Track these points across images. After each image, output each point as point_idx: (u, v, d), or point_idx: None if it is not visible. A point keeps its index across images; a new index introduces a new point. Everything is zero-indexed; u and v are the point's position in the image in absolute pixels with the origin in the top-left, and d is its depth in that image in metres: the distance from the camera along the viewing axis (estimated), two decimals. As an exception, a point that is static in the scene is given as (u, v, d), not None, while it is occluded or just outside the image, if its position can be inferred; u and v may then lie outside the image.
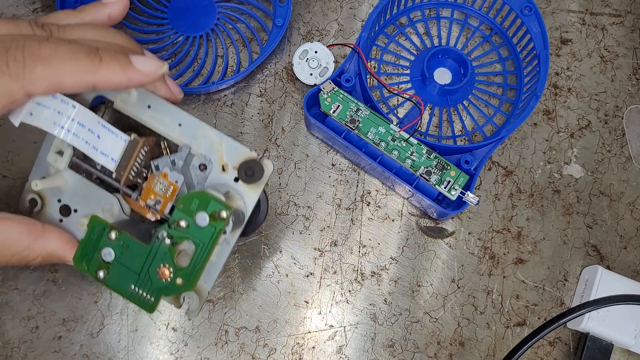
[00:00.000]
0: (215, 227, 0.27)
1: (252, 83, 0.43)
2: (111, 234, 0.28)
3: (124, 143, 0.27)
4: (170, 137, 0.29)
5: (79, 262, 0.28)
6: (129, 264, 0.28)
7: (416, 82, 0.43)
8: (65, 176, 0.29)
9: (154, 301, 0.28)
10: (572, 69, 0.44)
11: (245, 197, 0.29)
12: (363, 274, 0.40)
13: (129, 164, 0.28)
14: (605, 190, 0.42)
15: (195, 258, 0.28)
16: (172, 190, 0.28)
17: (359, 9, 0.45)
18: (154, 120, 0.29)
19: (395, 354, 0.38)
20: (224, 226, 0.27)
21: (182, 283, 0.28)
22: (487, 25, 0.45)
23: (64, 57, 0.23)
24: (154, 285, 0.28)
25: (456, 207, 0.38)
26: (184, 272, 0.28)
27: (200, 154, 0.29)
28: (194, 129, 0.29)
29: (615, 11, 0.46)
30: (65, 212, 0.30)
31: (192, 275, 0.28)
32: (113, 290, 0.29)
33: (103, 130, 0.27)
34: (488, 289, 0.40)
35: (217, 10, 0.44)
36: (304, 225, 0.40)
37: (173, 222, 0.27)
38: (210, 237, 0.28)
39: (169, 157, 0.29)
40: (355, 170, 0.41)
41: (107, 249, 0.28)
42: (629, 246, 0.41)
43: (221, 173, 0.29)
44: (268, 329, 0.38)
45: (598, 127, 0.43)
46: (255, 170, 0.28)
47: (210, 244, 0.28)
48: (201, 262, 0.28)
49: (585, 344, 0.38)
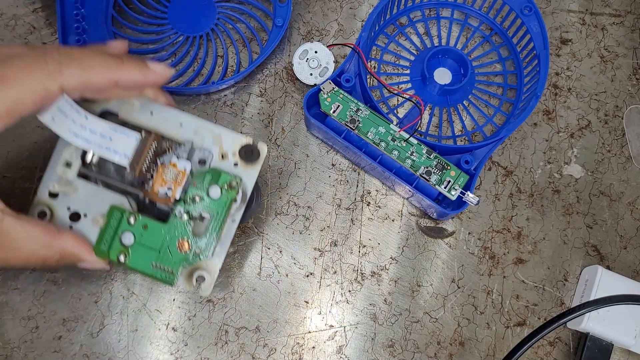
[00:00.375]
0: (227, 196, 0.31)
1: (252, 83, 0.43)
2: (130, 219, 0.31)
3: (135, 141, 0.30)
4: (174, 137, 0.32)
5: (99, 249, 0.31)
6: (149, 243, 0.31)
7: (416, 82, 0.43)
8: (75, 184, 0.32)
9: (175, 273, 0.31)
10: (572, 69, 0.44)
11: (246, 177, 0.32)
12: (363, 274, 0.40)
13: (142, 157, 0.31)
14: (605, 190, 0.42)
15: (211, 227, 0.31)
16: (181, 176, 0.31)
17: (359, 9, 0.45)
18: (157, 124, 0.32)
19: (395, 354, 0.38)
20: (235, 195, 0.31)
21: (200, 251, 0.31)
22: (487, 25, 0.45)
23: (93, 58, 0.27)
24: (173, 258, 0.31)
25: (456, 207, 0.38)
26: (202, 241, 0.31)
27: (202, 147, 0.32)
28: (194, 126, 0.32)
29: (615, 11, 0.46)
30: (75, 218, 0.32)
31: (210, 243, 0.31)
32: (134, 270, 0.31)
33: (114, 133, 0.30)
34: (488, 289, 0.40)
35: (217, 10, 0.44)
36: (304, 225, 0.40)
37: (188, 198, 0.31)
38: (224, 206, 0.31)
39: (174, 153, 0.32)
40: (355, 170, 0.41)
41: (127, 233, 0.31)
42: (629, 246, 0.41)
43: (221, 161, 0.32)
44: (268, 329, 0.38)
45: (598, 127, 0.43)
46: (254, 151, 0.32)
47: (224, 212, 0.31)
48: (217, 229, 0.31)
49: (585, 344, 0.38)
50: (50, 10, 0.43)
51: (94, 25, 0.41)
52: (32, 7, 0.43)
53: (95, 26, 0.41)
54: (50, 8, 0.43)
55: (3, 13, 0.43)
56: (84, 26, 0.41)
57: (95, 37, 0.41)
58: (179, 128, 0.32)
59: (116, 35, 0.43)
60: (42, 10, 0.43)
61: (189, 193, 0.31)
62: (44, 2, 0.43)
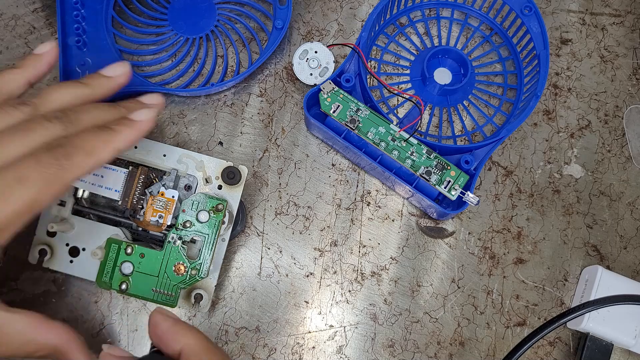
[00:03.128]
0: (215, 218, 0.34)
1: (252, 83, 0.43)
2: (127, 249, 0.33)
3: (124, 175, 0.34)
4: (160, 167, 0.36)
5: (101, 281, 0.33)
6: (147, 271, 0.33)
7: (416, 82, 0.43)
8: (71, 221, 0.35)
9: (175, 296, 0.34)
10: (572, 69, 0.44)
11: (230, 198, 0.35)
12: (363, 274, 0.40)
13: (132, 190, 0.34)
14: (605, 190, 0.42)
15: (203, 248, 0.34)
16: (170, 204, 0.34)
17: (359, 9, 0.45)
18: (142, 156, 0.35)
19: (395, 354, 0.38)
20: (222, 217, 0.34)
21: (196, 273, 0.34)
22: (487, 25, 0.45)
23: (92, 139, 0.28)
24: (172, 282, 0.34)
25: (456, 207, 0.38)
26: (196, 262, 0.34)
27: (186, 174, 0.35)
28: (177, 155, 0.36)
29: (615, 11, 0.46)
30: (75, 253, 0.35)
31: (204, 264, 0.34)
32: (136, 297, 0.33)
33: (105, 170, 0.33)
34: (488, 289, 0.40)
35: (217, 11, 0.44)
36: (304, 225, 0.40)
37: (179, 224, 0.34)
38: (213, 227, 0.34)
39: (161, 183, 0.35)
40: (355, 170, 0.41)
41: (126, 263, 0.33)
42: (629, 246, 0.41)
43: (206, 185, 0.35)
44: (268, 329, 0.38)
45: (598, 127, 0.43)
46: (235, 173, 0.35)
47: (214, 234, 0.34)
48: (209, 250, 0.34)
49: (585, 344, 0.38)
50: (50, 10, 0.43)
51: (93, 26, 0.41)
52: (32, 7, 0.43)
53: (95, 27, 0.41)
54: (50, 8, 0.43)
55: (3, 13, 0.43)
56: (84, 27, 0.41)
57: (95, 38, 0.41)
58: (163, 158, 0.35)
59: (116, 36, 0.42)
60: (42, 10, 0.43)
61: (180, 219, 0.34)
62: (44, 2, 0.43)
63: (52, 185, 0.27)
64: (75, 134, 0.28)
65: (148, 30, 0.43)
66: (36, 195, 0.26)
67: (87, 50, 0.40)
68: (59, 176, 0.27)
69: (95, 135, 0.29)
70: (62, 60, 0.39)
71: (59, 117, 0.29)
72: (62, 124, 0.28)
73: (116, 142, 0.29)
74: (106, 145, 0.29)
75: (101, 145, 0.29)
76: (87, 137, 0.28)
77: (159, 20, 0.43)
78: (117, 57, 0.41)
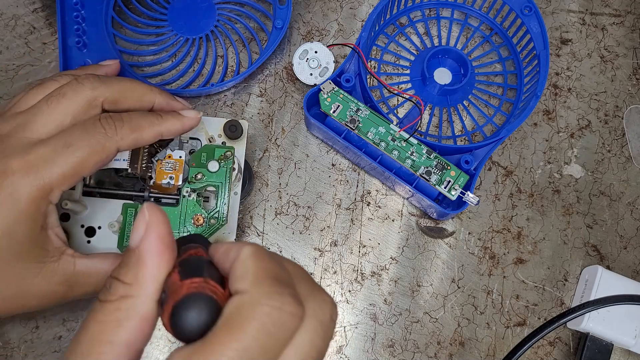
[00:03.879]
0: (225, 166, 0.35)
1: (252, 83, 0.43)
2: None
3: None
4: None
5: (123, 246, 0.34)
6: None
7: (416, 82, 0.43)
8: (83, 202, 0.35)
9: None
10: (572, 69, 0.44)
11: (236, 152, 0.36)
12: (363, 274, 0.40)
13: (139, 157, 0.34)
14: (605, 190, 0.42)
15: (218, 197, 0.35)
16: (179, 164, 0.34)
17: (359, 9, 0.45)
18: None
19: (395, 354, 0.38)
20: (232, 164, 0.35)
21: (215, 221, 0.34)
22: (487, 25, 0.45)
23: (140, 118, 0.31)
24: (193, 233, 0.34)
25: (456, 207, 0.38)
26: (214, 211, 0.34)
27: (188, 138, 0.36)
28: None
29: (615, 11, 0.46)
30: (90, 233, 0.35)
31: (221, 210, 0.35)
32: None
33: None
34: (488, 289, 0.40)
35: (216, 11, 0.44)
36: (304, 225, 0.40)
37: (191, 177, 0.34)
38: (225, 175, 0.35)
39: (165, 150, 0.35)
40: (355, 170, 0.41)
41: None
42: (629, 246, 0.41)
43: (210, 144, 0.36)
44: (268, 329, 0.38)
45: (598, 127, 0.43)
46: (237, 126, 0.36)
47: (227, 181, 0.35)
48: (224, 197, 0.35)
49: (585, 344, 0.38)
50: (50, 10, 0.43)
51: (94, 26, 0.41)
52: (32, 7, 0.43)
53: (95, 28, 0.41)
54: (50, 8, 0.43)
55: (3, 13, 0.43)
56: (84, 28, 0.41)
57: (95, 38, 0.41)
58: None
59: (116, 37, 0.42)
60: (42, 10, 0.43)
61: (191, 173, 0.34)
62: (44, 2, 0.43)
63: (97, 152, 0.29)
64: (127, 114, 0.31)
65: (148, 31, 0.43)
66: (82, 160, 0.28)
67: (87, 51, 0.40)
68: (104, 145, 0.29)
69: (143, 115, 0.31)
70: (62, 62, 0.39)
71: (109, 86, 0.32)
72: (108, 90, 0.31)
73: (160, 127, 0.32)
74: (151, 126, 0.31)
75: (146, 125, 0.31)
76: (135, 115, 0.31)
77: (159, 20, 0.43)
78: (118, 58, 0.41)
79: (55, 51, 0.42)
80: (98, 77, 0.31)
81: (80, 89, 0.30)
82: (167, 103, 0.34)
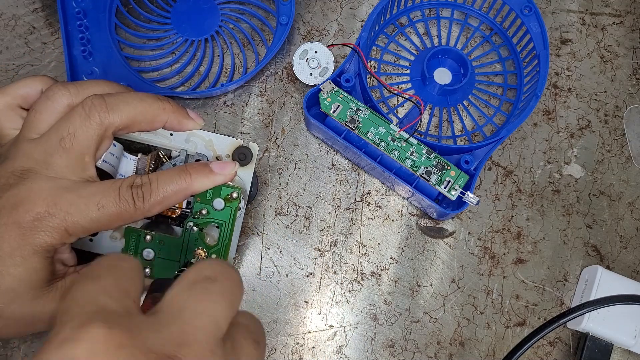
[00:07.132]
0: (231, 206, 0.34)
1: (252, 83, 0.43)
2: (147, 237, 0.33)
3: (133, 162, 0.34)
4: (167, 146, 0.35)
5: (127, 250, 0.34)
6: (169, 256, 0.34)
7: (416, 82, 0.43)
8: None
9: None
10: (572, 69, 0.44)
11: (243, 176, 0.36)
12: (363, 274, 0.40)
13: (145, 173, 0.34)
14: (605, 190, 0.42)
15: (222, 235, 0.34)
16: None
17: (359, 9, 0.45)
18: (149, 136, 0.35)
19: (395, 354, 0.38)
20: (238, 204, 0.34)
21: (216, 257, 0.34)
22: (487, 25, 0.45)
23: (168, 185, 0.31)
24: None
25: (456, 207, 0.38)
26: (216, 248, 0.34)
27: (196, 154, 0.35)
28: (184, 135, 0.35)
29: (615, 11, 0.46)
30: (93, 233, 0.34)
31: (223, 249, 0.34)
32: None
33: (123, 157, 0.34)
34: (488, 289, 0.40)
35: (219, 12, 0.44)
36: (304, 225, 0.40)
37: (195, 213, 0.34)
38: (230, 216, 0.34)
39: (170, 162, 0.35)
40: (355, 170, 0.41)
41: (147, 250, 0.33)
42: (629, 246, 0.41)
43: None
44: (268, 329, 0.38)
45: (598, 127, 0.43)
46: (247, 154, 0.35)
47: (231, 221, 0.34)
48: (227, 236, 0.34)
49: (585, 344, 0.38)
50: (51, 10, 0.43)
51: (97, 34, 0.41)
52: (32, 7, 0.43)
53: (99, 36, 0.41)
54: (50, 8, 0.43)
55: (3, 13, 0.43)
56: (88, 36, 0.41)
57: (100, 46, 0.41)
58: (170, 138, 0.35)
59: (120, 43, 0.42)
60: (42, 10, 0.43)
61: (195, 208, 0.34)
62: (44, 2, 0.43)
63: (124, 220, 0.30)
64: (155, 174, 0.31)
65: (153, 35, 0.43)
66: (108, 223, 0.30)
67: (93, 60, 0.40)
68: (132, 215, 0.30)
69: (172, 181, 0.31)
70: (69, 72, 0.39)
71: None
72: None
73: (187, 192, 0.31)
74: (179, 193, 0.31)
75: (174, 193, 0.31)
76: (164, 183, 0.31)
77: (163, 24, 0.43)
78: (124, 65, 0.41)
79: (55, 51, 0.42)
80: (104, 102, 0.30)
81: (88, 124, 0.30)
82: (179, 122, 0.33)
